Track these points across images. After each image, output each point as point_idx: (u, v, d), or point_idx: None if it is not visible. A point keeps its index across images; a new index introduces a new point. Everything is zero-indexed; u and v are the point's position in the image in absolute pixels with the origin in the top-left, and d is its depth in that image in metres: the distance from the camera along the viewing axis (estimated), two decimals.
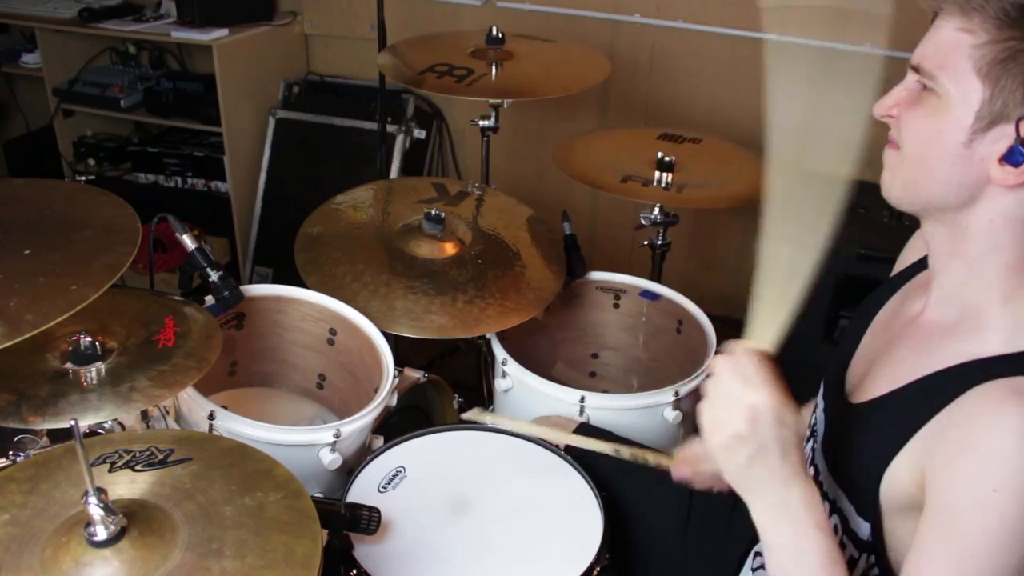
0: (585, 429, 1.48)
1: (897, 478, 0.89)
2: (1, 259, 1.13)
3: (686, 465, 1.14)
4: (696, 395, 1.61)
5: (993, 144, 0.83)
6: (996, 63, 0.81)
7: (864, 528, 0.95)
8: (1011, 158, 0.82)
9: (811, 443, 1.10)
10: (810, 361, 1.33)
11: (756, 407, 0.87)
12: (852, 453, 0.98)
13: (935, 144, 0.87)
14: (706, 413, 0.91)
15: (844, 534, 0.98)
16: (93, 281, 1.10)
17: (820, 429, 1.09)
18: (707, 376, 0.93)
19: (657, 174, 1.88)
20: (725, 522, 1.32)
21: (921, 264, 1.04)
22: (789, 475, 0.89)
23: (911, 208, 0.93)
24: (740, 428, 0.87)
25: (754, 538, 1.29)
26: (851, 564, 0.97)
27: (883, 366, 1.00)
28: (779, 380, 0.89)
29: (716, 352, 0.84)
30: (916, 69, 0.89)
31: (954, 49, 0.84)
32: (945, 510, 0.82)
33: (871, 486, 0.92)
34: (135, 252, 1.18)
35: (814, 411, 1.13)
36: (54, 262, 1.14)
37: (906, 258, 1.12)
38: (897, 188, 0.92)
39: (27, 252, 1.15)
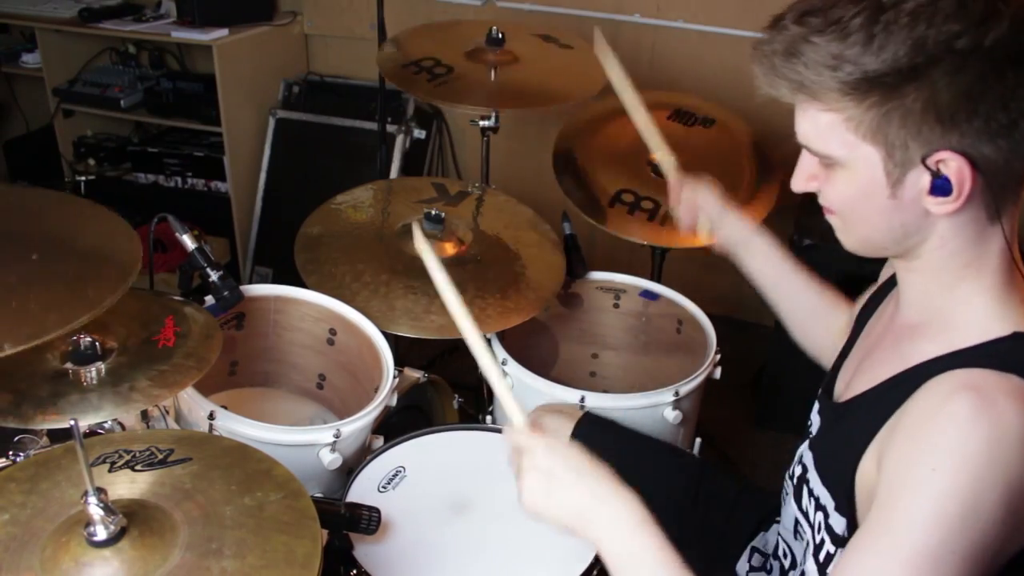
0: (590, 419, 1.48)
1: (866, 473, 0.91)
2: (11, 265, 1.13)
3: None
4: (696, 394, 1.61)
5: (916, 185, 0.84)
6: (873, 127, 0.83)
7: (840, 523, 0.96)
8: (937, 192, 0.83)
9: (805, 443, 1.11)
10: (811, 361, 1.33)
11: (521, 446, 1.01)
12: (832, 451, 1.01)
13: (866, 205, 0.89)
14: (521, 490, 1.00)
15: (824, 530, 1.00)
16: (107, 285, 1.12)
17: (813, 429, 1.10)
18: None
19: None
20: (722, 522, 1.32)
21: None
22: (593, 491, 0.97)
23: (877, 255, 0.96)
24: (526, 472, 0.98)
25: (752, 535, 1.30)
26: (828, 560, 0.99)
27: (865, 367, 1.02)
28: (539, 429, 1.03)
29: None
30: (808, 148, 0.90)
31: (830, 128, 0.85)
32: (887, 490, 0.84)
33: (846, 482, 0.93)
34: (139, 265, 1.19)
35: (810, 412, 1.14)
36: (64, 269, 1.15)
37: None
38: (855, 244, 0.95)
39: (35, 257, 1.15)
